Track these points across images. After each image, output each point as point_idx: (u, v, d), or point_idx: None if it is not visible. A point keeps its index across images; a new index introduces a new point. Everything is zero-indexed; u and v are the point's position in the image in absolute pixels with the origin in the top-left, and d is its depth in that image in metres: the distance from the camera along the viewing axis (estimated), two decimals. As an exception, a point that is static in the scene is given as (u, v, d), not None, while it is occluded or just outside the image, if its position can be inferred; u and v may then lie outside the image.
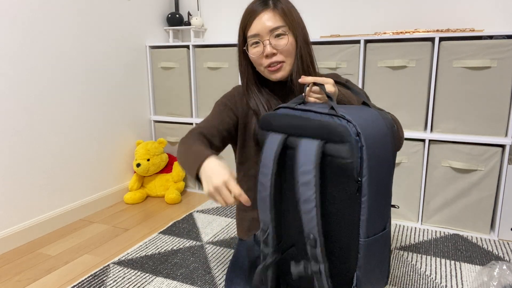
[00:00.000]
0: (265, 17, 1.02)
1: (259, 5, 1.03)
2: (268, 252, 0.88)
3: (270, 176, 0.84)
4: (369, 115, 0.79)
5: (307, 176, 0.77)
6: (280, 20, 1.02)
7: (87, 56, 2.01)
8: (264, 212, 0.87)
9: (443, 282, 1.40)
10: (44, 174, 1.83)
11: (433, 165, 1.82)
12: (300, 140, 0.80)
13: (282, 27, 1.02)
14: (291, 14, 1.04)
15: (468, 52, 1.69)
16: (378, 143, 0.76)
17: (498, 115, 1.70)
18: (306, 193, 0.77)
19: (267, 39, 1.02)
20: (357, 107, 0.84)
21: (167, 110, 2.46)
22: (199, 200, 2.28)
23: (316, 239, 0.78)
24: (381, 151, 0.77)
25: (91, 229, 1.89)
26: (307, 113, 0.83)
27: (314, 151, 0.76)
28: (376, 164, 0.76)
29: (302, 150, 0.78)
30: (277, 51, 1.03)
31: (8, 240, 1.69)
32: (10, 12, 1.63)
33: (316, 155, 0.76)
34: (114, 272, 1.48)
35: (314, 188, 0.76)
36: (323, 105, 0.86)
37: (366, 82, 1.91)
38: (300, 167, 0.78)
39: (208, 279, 1.43)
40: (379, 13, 2.10)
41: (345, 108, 0.81)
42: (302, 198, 0.78)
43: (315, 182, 0.76)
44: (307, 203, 0.78)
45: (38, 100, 1.78)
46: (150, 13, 2.43)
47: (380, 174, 0.77)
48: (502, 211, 1.74)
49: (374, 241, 0.79)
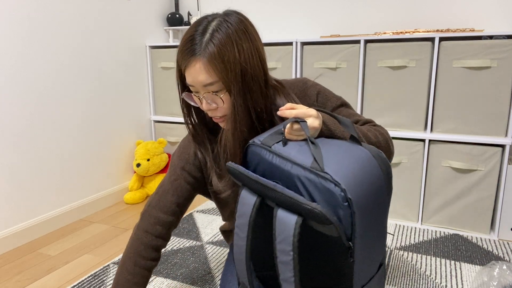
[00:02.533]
0: (195, 69, 0.83)
1: (187, 51, 0.83)
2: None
3: (245, 241, 0.76)
4: (360, 161, 0.71)
5: (285, 257, 0.69)
6: (213, 73, 0.82)
7: (87, 56, 2.01)
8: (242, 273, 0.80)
9: (443, 282, 1.40)
10: (44, 174, 1.83)
11: (433, 165, 1.82)
12: (277, 210, 0.70)
13: (215, 83, 0.83)
14: (229, 59, 0.81)
15: (468, 52, 1.69)
16: (372, 198, 0.69)
17: (498, 115, 1.70)
18: (285, 272, 0.70)
19: (202, 94, 0.86)
20: (344, 149, 0.75)
21: (167, 110, 2.46)
22: (199, 200, 2.28)
23: None
24: (375, 204, 0.70)
25: (91, 229, 1.89)
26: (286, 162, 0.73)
27: (292, 230, 0.67)
28: (370, 222, 0.70)
29: (279, 223, 0.70)
30: (216, 106, 0.87)
31: (8, 240, 1.69)
32: (11, 12, 1.63)
33: (294, 235, 0.67)
34: (114, 272, 1.48)
35: (294, 270, 0.69)
36: (305, 148, 0.74)
37: (366, 82, 1.91)
38: (279, 244, 0.70)
39: (208, 279, 1.43)
40: (379, 13, 2.10)
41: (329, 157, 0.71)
42: (281, 275, 0.72)
43: (294, 264, 0.68)
44: (287, 283, 0.71)
45: (38, 100, 1.78)
46: (150, 13, 2.43)
47: (374, 228, 0.71)
48: (502, 211, 1.74)
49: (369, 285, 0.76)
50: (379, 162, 0.74)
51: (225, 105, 0.86)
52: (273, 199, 0.70)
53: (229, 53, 0.81)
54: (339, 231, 0.65)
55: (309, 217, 0.66)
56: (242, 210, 0.76)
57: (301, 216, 0.67)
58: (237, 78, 0.82)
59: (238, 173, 0.76)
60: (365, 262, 0.72)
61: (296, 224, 0.67)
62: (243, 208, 0.76)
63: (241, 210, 0.76)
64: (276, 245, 0.70)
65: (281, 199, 0.69)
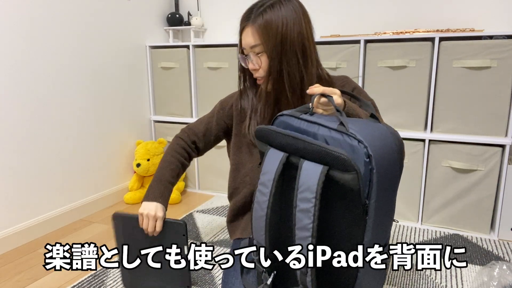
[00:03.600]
0: (246, 32, 1.03)
1: (244, 18, 1.04)
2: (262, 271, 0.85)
3: (268, 196, 0.80)
4: (378, 132, 0.76)
5: (306, 204, 0.73)
6: (257, 38, 1.01)
7: (87, 56, 2.01)
8: (259, 232, 0.83)
9: (443, 282, 1.40)
10: (44, 174, 1.83)
11: (433, 165, 1.82)
12: (302, 162, 0.75)
13: (258, 45, 1.02)
14: (271, 29, 0.99)
15: (468, 52, 1.69)
16: (387, 162, 0.73)
17: (498, 115, 1.70)
18: (303, 220, 0.73)
19: (250, 54, 1.04)
20: (365, 121, 0.80)
21: (167, 110, 2.46)
22: (199, 200, 2.28)
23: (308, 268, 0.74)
24: (390, 170, 0.74)
25: (91, 229, 1.89)
26: (313, 125, 0.79)
27: (317, 178, 0.71)
28: (385, 184, 0.73)
29: (304, 174, 0.74)
30: (259, 66, 1.05)
31: (8, 240, 1.69)
32: (11, 13, 1.63)
33: (318, 184, 0.71)
34: (114, 272, 1.48)
35: (313, 218, 0.72)
36: (332, 117, 0.82)
37: (366, 82, 1.91)
38: (300, 193, 0.73)
39: (208, 279, 1.43)
40: (379, 13, 2.10)
41: (353, 123, 0.76)
42: (298, 224, 0.74)
43: (314, 212, 0.72)
44: (303, 231, 0.74)
45: (38, 100, 1.78)
46: (150, 13, 2.43)
47: (387, 194, 0.74)
48: (502, 211, 1.74)
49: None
50: (394, 139, 0.77)
51: (264, 66, 1.04)
52: (300, 151, 0.76)
53: (273, 25, 0.99)
54: (359, 181, 0.68)
55: (335, 164, 0.70)
56: (268, 167, 0.81)
57: (327, 166, 0.71)
58: (276, 45, 1.00)
59: (267, 131, 0.84)
60: (377, 229, 0.74)
61: (321, 173, 0.71)
62: (269, 165, 0.80)
63: (266, 168, 0.81)
64: (297, 195, 0.74)
65: (309, 149, 0.74)
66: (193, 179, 2.45)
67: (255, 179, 1.17)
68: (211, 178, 2.39)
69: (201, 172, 2.42)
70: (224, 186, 2.33)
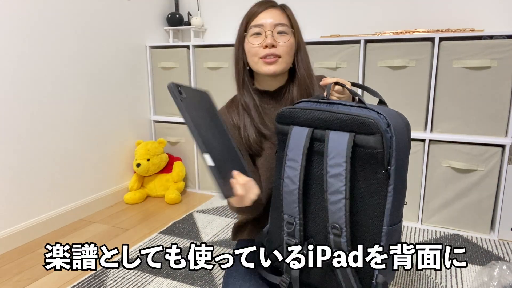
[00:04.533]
0: (273, 12, 1.04)
1: (265, 4, 1.06)
2: (294, 243, 0.89)
3: (299, 169, 0.84)
4: (390, 110, 0.82)
5: (337, 169, 0.78)
6: (286, 20, 1.05)
7: (87, 56, 2.01)
8: (292, 205, 0.87)
9: (443, 282, 1.40)
10: (44, 174, 1.83)
11: (433, 165, 1.82)
12: (329, 133, 0.80)
13: (286, 25, 1.04)
14: (295, 20, 1.08)
15: (468, 52, 1.69)
16: (401, 136, 0.79)
17: (498, 115, 1.70)
18: (335, 184, 0.78)
19: (269, 31, 1.03)
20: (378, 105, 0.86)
21: (167, 110, 2.46)
22: (199, 200, 2.28)
23: (342, 228, 0.79)
24: (403, 144, 0.79)
25: (91, 229, 1.89)
26: (332, 105, 0.84)
27: (346, 144, 0.77)
28: (402, 154, 0.78)
29: (332, 142, 0.79)
30: (276, 44, 1.03)
31: (8, 240, 1.69)
32: (11, 13, 1.64)
33: (348, 148, 0.77)
34: (114, 272, 1.48)
35: (345, 180, 0.77)
36: (347, 101, 0.87)
37: (366, 82, 1.91)
38: (330, 160, 0.79)
39: (208, 279, 1.43)
40: (379, 13, 2.10)
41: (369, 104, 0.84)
42: (330, 189, 0.79)
43: (346, 174, 0.77)
44: (335, 195, 0.79)
45: (38, 100, 1.78)
46: (150, 13, 2.43)
47: (404, 164, 0.80)
48: (502, 211, 1.74)
49: (394, 230, 0.81)
50: (403, 119, 0.84)
51: (286, 44, 1.04)
52: (325, 122, 0.81)
53: (295, 20, 1.08)
54: (383, 143, 0.74)
55: (360, 129, 0.76)
56: (294, 143, 0.85)
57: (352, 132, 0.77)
58: (299, 32, 1.08)
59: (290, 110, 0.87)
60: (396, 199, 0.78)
61: (349, 138, 0.77)
62: (295, 141, 0.85)
63: (293, 144, 0.85)
64: (327, 162, 0.79)
65: (334, 119, 0.79)
66: (193, 179, 2.45)
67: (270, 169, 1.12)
68: (211, 178, 2.38)
69: (201, 172, 2.42)
70: (224, 186, 2.33)
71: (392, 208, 0.78)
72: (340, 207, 0.78)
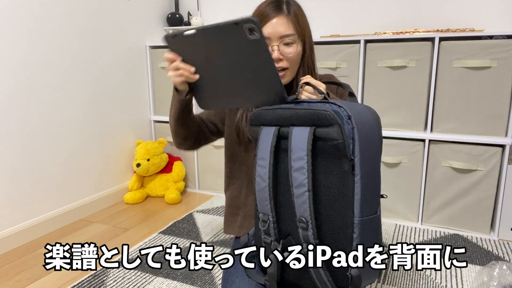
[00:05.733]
0: (278, 22, 1.02)
1: (272, 9, 1.03)
2: (271, 240, 0.90)
3: (268, 167, 0.86)
4: (356, 105, 0.84)
5: (299, 163, 0.80)
6: (292, 28, 1.03)
7: (87, 56, 2.01)
8: (264, 203, 0.89)
9: (443, 282, 1.40)
10: (44, 174, 1.83)
11: (433, 165, 1.82)
12: (292, 129, 0.83)
13: (292, 35, 1.03)
14: (303, 21, 1.06)
15: (468, 52, 1.69)
16: (367, 127, 0.81)
17: (498, 115, 1.70)
18: (299, 178, 0.80)
19: (276, 45, 1.02)
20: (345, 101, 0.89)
21: (167, 110, 2.46)
22: (199, 200, 2.28)
23: (308, 221, 0.80)
24: (370, 135, 0.81)
25: (91, 229, 1.89)
26: (298, 104, 0.86)
27: (306, 137, 0.80)
28: (367, 145, 0.79)
29: (294, 137, 0.82)
30: (283, 57, 1.03)
31: (8, 240, 1.69)
32: (12, 14, 1.64)
33: (308, 141, 0.79)
34: (114, 272, 1.48)
35: (307, 173, 0.79)
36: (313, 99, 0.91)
37: (366, 82, 1.91)
38: (293, 154, 0.81)
39: (208, 279, 1.43)
40: (379, 13, 2.10)
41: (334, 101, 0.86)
42: (295, 183, 0.81)
43: (308, 167, 0.79)
44: (299, 188, 0.80)
45: (38, 100, 1.78)
46: (150, 13, 2.43)
47: (371, 156, 0.81)
48: (502, 211, 1.74)
49: (368, 221, 0.81)
50: (369, 111, 0.86)
51: (293, 55, 1.04)
52: (289, 119, 0.84)
53: (304, 18, 1.07)
54: (343, 134, 0.76)
55: (321, 122, 0.79)
56: (263, 142, 0.88)
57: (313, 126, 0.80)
58: (308, 37, 1.08)
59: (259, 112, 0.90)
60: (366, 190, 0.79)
61: (309, 132, 0.79)
62: (264, 140, 0.88)
63: (262, 143, 0.88)
64: (291, 157, 0.81)
65: (296, 115, 0.82)
66: (193, 179, 2.45)
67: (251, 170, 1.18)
68: (211, 178, 2.39)
69: (201, 172, 2.42)
70: (224, 186, 2.34)
71: (362, 199, 0.79)
72: (304, 200, 0.80)
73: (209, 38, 0.86)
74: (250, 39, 0.81)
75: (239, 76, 0.89)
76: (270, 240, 0.90)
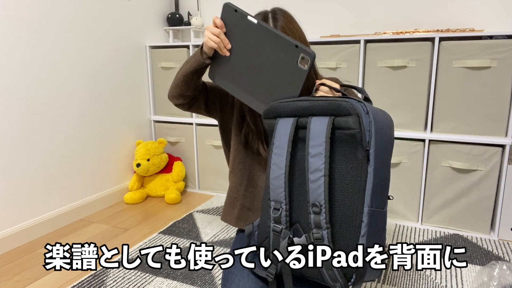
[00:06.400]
0: None
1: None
2: (281, 229, 0.91)
3: (285, 155, 0.88)
4: (373, 106, 0.86)
5: (317, 149, 0.83)
6: None
7: (87, 56, 2.01)
8: (278, 190, 0.90)
9: (443, 282, 1.40)
10: (44, 174, 1.83)
11: (433, 165, 1.82)
12: (311, 118, 0.86)
13: None
14: (292, 32, 1.03)
15: (468, 52, 1.69)
16: (383, 125, 0.83)
17: (498, 115, 1.70)
18: (315, 163, 0.82)
19: None
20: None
21: (167, 110, 2.46)
22: (199, 200, 2.28)
23: (322, 205, 0.82)
24: (385, 133, 0.83)
25: (91, 229, 1.89)
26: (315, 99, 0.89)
27: (325, 125, 0.82)
28: (381, 141, 0.82)
29: (313, 125, 0.84)
30: None
31: (8, 240, 1.69)
32: (12, 13, 1.64)
33: (327, 129, 0.82)
34: (114, 272, 1.48)
35: (324, 159, 0.82)
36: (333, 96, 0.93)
37: (366, 82, 1.91)
38: (312, 141, 0.84)
39: (208, 279, 1.43)
40: (379, 13, 2.10)
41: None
42: (311, 169, 0.83)
43: (325, 153, 0.81)
44: (315, 173, 0.82)
45: (37, 100, 1.78)
46: (150, 13, 2.43)
47: (384, 151, 0.83)
48: (502, 211, 1.74)
49: (377, 213, 0.82)
50: (386, 115, 0.89)
51: None
52: (308, 109, 0.87)
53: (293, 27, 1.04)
54: (360, 124, 0.79)
55: (339, 112, 0.82)
56: (281, 132, 0.90)
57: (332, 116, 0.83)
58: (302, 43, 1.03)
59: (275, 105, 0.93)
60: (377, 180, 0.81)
61: (328, 120, 0.82)
62: (281, 131, 0.90)
63: (279, 133, 0.90)
64: (309, 143, 0.84)
65: (315, 105, 0.85)
66: (193, 179, 2.45)
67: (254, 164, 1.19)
68: (211, 178, 2.39)
69: (201, 172, 2.42)
70: (224, 186, 2.33)
71: (373, 189, 0.80)
72: (319, 184, 0.82)
73: (264, 37, 0.92)
74: (298, 66, 0.90)
75: (263, 80, 0.96)
76: (281, 228, 0.91)
